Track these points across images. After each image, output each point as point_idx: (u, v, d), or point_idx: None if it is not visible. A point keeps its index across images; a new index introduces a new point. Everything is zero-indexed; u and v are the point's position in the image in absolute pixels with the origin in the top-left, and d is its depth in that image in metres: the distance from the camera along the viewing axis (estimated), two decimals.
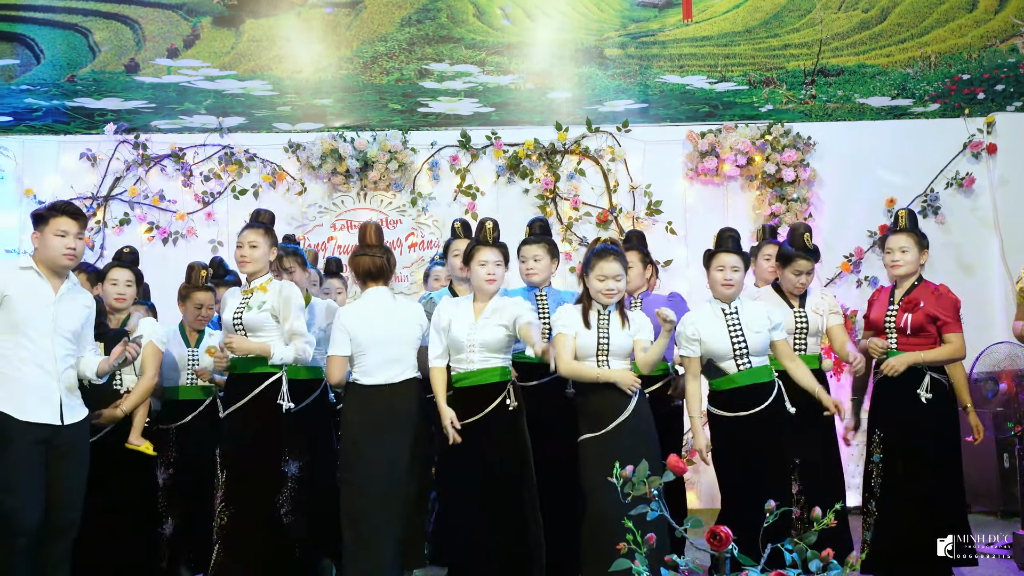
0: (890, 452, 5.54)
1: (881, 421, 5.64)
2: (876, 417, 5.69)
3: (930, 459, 5.46)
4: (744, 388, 5.21)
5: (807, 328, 5.72)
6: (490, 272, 5.36)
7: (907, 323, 5.57)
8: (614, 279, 5.14)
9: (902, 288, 5.72)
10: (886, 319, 5.69)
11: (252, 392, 5.40)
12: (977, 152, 8.96)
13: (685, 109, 9.28)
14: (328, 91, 9.09)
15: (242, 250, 5.49)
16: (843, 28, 9.03)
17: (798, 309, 5.75)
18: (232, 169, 8.96)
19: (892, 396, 5.58)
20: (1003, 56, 8.98)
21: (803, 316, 5.73)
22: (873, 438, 5.65)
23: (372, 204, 8.94)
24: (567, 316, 5.21)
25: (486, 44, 9.00)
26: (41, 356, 4.82)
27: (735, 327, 5.26)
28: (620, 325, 5.17)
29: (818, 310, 5.76)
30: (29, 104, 8.96)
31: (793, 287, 5.75)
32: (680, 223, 8.88)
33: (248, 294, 5.50)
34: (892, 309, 5.67)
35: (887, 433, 5.58)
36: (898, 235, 5.73)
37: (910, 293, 5.66)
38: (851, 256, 8.85)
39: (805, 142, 8.93)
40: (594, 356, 5.11)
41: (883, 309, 5.74)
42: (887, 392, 5.62)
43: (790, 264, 5.72)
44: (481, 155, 9.05)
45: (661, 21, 8.99)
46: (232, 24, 8.92)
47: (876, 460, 5.60)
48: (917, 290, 5.67)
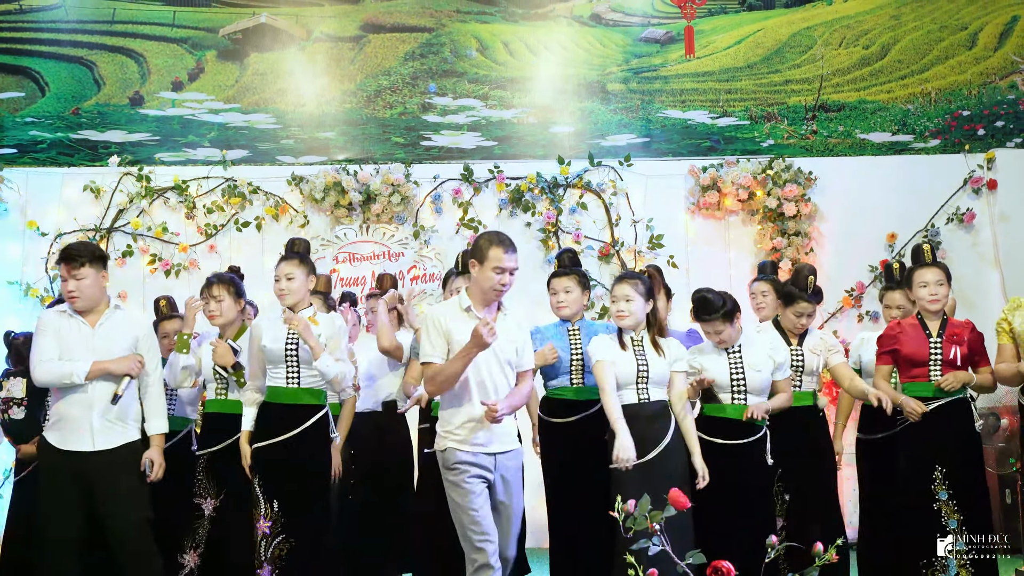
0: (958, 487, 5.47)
1: (941, 456, 5.49)
2: (933, 453, 5.51)
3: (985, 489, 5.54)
4: (730, 420, 5.30)
5: (803, 367, 5.73)
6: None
7: (956, 355, 5.53)
8: (624, 300, 5.21)
9: (934, 321, 5.65)
10: (932, 353, 5.58)
11: (306, 423, 5.36)
12: (977, 188, 8.99)
13: (687, 144, 9.32)
14: (331, 124, 9.14)
15: (279, 283, 5.43)
16: (844, 64, 9.10)
17: (795, 347, 5.76)
18: (235, 202, 8.97)
19: (947, 431, 5.50)
20: (1002, 93, 9.03)
21: (800, 354, 5.74)
22: (935, 475, 5.49)
23: (375, 237, 8.96)
24: (603, 344, 5.24)
25: (489, 78, 9.07)
26: (76, 389, 5.07)
27: (736, 364, 5.33)
28: (656, 353, 5.22)
29: (815, 350, 5.76)
30: (33, 136, 9.00)
31: (793, 327, 5.76)
32: (682, 257, 8.88)
33: (296, 325, 5.40)
34: (935, 343, 5.61)
35: (950, 469, 5.46)
36: (931, 268, 5.67)
37: (946, 326, 5.63)
38: (852, 291, 8.86)
39: (806, 177, 8.96)
40: (634, 384, 5.14)
41: (922, 343, 5.61)
42: (937, 428, 5.50)
43: (792, 304, 5.72)
44: (483, 188, 9.07)
45: (663, 56, 9.07)
46: (236, 58, 8.98)
47: (944, 498, 5.46)
48: (951, 323, 5.65)
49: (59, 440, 5.09)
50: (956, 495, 5.43)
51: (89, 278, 5.13)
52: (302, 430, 5.35)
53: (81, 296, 5.13)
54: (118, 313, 5.31)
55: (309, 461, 5.40)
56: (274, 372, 5.40)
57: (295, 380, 5.37)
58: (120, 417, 5.18)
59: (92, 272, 5.15)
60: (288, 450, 5.33)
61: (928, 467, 5.47)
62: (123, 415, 5.19)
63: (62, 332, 5.15)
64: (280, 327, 5.42)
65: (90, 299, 5.17)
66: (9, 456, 8.24)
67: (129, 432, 5.22)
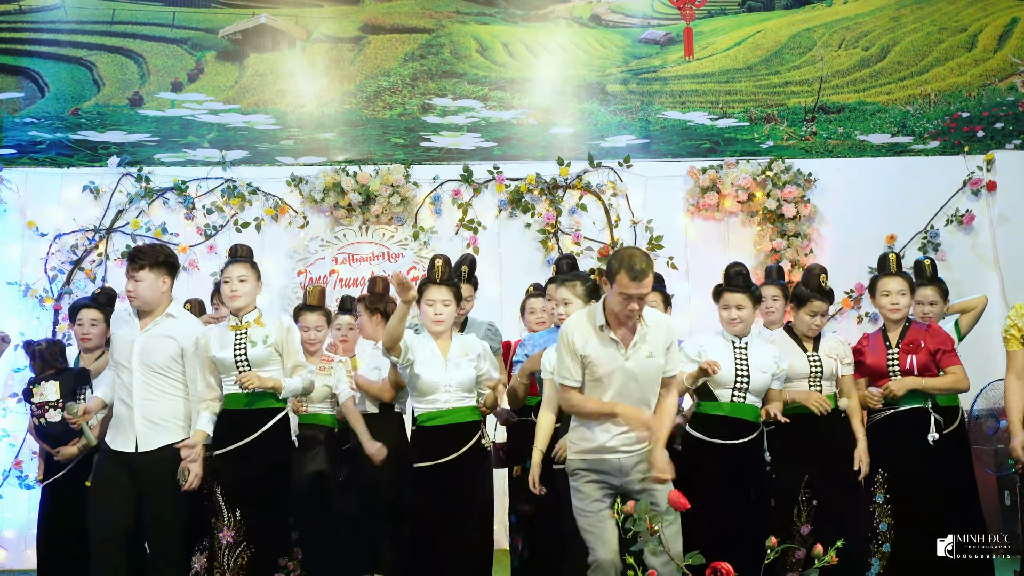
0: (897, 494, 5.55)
1: (882, 461, 5.61)
2: (876, 456, 5.61)
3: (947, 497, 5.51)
4: (728, 418, 5.27)
5: (821, 372, 5.62)
6: (437, 312, 5.32)
7: (912, 364, 5.58)
8: (563, 303, 5.31)
9: (895, 331, 5.73)
10: (889, 363, 5.69)
11: (262, 428, 5.35)
12: (977, 189, 8.99)
13: (686, 145, 9.32)
14: (331, 125, 9.14)
15: (231, 285, 5.41)
16: (843, 66, 9.11)
17: (812, 352, 5.67)
18: (235, 202, 8.96)
19: (895, 438, 5.58)
20: (1002, 94, 9.04)
21: (817, 359, 5.65)
22: (876, 478, 5.61)
23: (374, 238, 8.96)
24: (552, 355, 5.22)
25: (489, 79, 9.07)
26: (123, 389, 5.31)
27: (742, 361, 5.30)
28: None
29: (831, 353, 5.67)
30: (33, 137, 9.00)
31: (808, 328, 5.68)
32: (681, 258, 8.89)
33: (241, 329, 5.41)
34: (892, 353, 5.67)
35: (892, 474, 5.59)
36: (894, 278, 5.74)
37: (905, 335, 5.68)
38: (852, 292, 8.86)
39: (806, 178, 8.96)
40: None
41: (881, 354, 5.72)
42: (888, 434, 5.62)
43: (805, 305, 5.66)
44: (483, 190, 9.07)
45: (663, 58, 9.07)
46: (236, 59, 8.99)
47: (879, 501, 5.59)
48: (911, 331, 5.69)
49: (111, 439, 5.32)
50: (894, 500, 5.55)
51: (147, 281, 5.30)
52: (259, 435, 5.32)
53: (137, 297, 5.33)
54: (168, 321, 5.37)
55: (269, 466, 5.37)
56: (227, 380, 5.38)
57: None
58: (163, 418, 5.28)
59: (151, 276, 5.31)
60: (246, 456, 5.30)
61: (872, 472, 5.60)
62: (165, 417, 5.29)
63: (118, 332, 5.44)
64: (227, 334, 5.41)
65: (146, 301, 5.33)
66: (7, 458, 8.28)
67: (171, 434, 5.30)
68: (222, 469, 5.32)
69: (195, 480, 5.21)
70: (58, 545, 5.99)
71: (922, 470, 5.50)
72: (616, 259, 4.45)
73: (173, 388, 5.33)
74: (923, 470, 5.50)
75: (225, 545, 5.25)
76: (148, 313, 5.37)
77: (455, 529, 5.16)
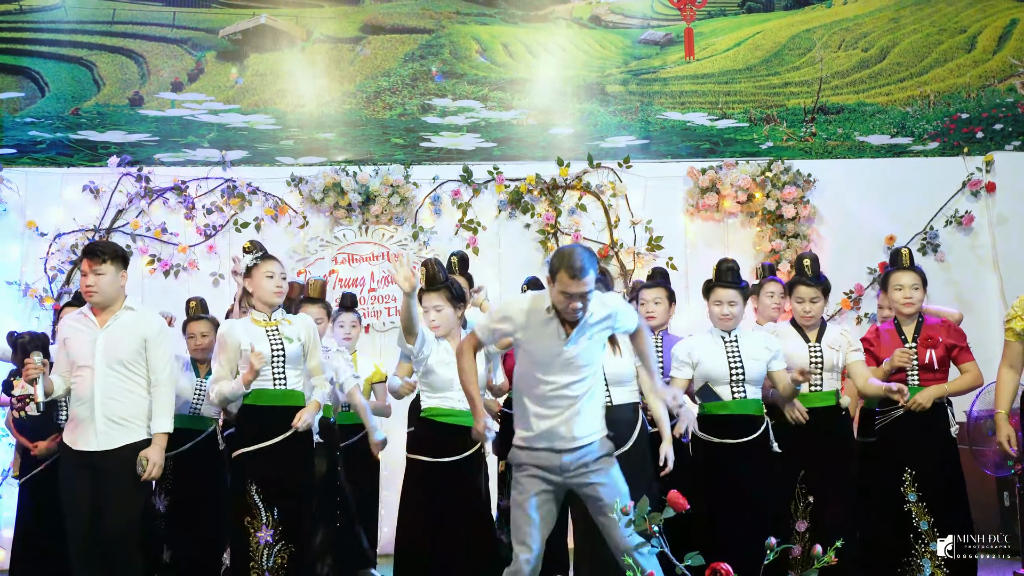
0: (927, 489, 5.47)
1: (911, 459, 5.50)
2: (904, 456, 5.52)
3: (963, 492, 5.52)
4: (734, 416, 5.29)
5: (822, 363, 5.54)
6: (431, 319, 5.26)
7: (931, 359, 5.53)
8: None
9: (910, 325, 5.68)
10: None
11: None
12: (976, 190, 9.00)
13: (686, 146, 9.33)
14: (331, 125, 9.14)
15: (274, 280, 5.38)
16: (843, 67, 9.12)
17: (813, 343, 5.59)
18: (234, 202, 8.97)
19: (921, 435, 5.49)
20: (1001, 96, 9.05)
21: (818, 351, 5.56)
22: (904, 477, 5.49)
23: (374, 238, 8.96)
24: None
25: (489, 80, 9.09)
26: (83, 388, 5.19)
27: (734, 354, 5.33)
28: (612, 351, 5.05)
29: (834, 345, 5.57)
30: (33, 136, 9.00)
31: (799, 316, 5.63)
32: (680, 259, 8.88)
33: (272, 326, 5.37)
34: (911, 347, 5.60)
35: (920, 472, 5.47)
36: (907, 272, 5.67)
37: (921, 329, 5.65)
38: (851, 293, 8.86)
39: (805, 179, 8.97)
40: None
41: (897, 348, 5.59)
42: (911, 431, 5.51)
43: (792, 292, 5.67)
44: (483, 190, 9.07)
45: (663, 59, 9.09)
46: (236, 59, 9.00)
47: (913, 500, 5.48)
48: (926, 326, 5.66)
49: (71, 440, 5.21)
50: (927, 497, 5.44)
51: (109, 275, 5.21)
52: (293, 432, 5.27)
53: (99, 291, 5.21)
54: (128, 314, 5.31)
55: (303, 462, 5.39)
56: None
57: (282, 382, 5.31)
58: (124, 418, 5.19)
59: (112, 269, 5.22)
60: (282, 453, 5.25)
61: (898, 470, 5.49)
62: (128, 416, 5.20)
63: (73, 335, 5.29)
64: (255, 329, 5.34)
65: (107, 295, 5.24)
66: (8, 456, 8.28)
67: (133, 433, 5.21)
68: (256, 467, 5.23)
69: (154, 470, 5.14)
70: (36, 543, 6.05)
71: (943, 465, 5.48)
72: (557, 257, 4.32)
73: (136, 386, 5.23)
74: (944, 465, 5.49)
75: (263, 544, 5.15)
76: (105, 309, 5.28)
77: (449, 529, 5.12)
